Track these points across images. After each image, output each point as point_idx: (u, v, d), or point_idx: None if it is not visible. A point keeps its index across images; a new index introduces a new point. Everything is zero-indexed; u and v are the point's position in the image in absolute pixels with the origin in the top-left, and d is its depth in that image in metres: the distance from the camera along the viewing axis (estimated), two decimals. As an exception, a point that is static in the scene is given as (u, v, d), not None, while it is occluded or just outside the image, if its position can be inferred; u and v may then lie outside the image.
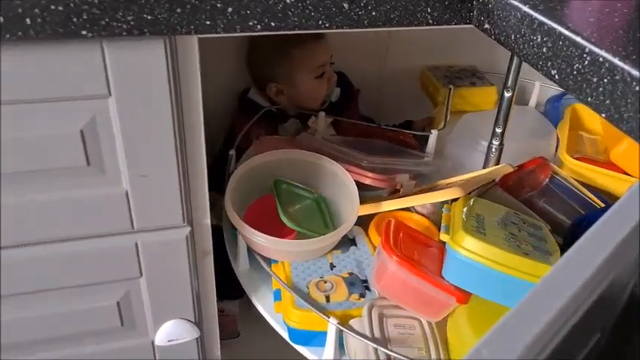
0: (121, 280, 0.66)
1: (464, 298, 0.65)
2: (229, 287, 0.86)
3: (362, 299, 0.71)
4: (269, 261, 0.78)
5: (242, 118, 1.02)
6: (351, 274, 0.75)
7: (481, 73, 1.26)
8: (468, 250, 0.63)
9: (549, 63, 0.47)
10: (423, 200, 0.76)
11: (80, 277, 0.64)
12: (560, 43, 0.44)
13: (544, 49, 0.48)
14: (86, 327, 0.68)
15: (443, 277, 0.67)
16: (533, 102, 1.19)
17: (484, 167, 0.93)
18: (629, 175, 0.93)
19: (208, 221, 0.67)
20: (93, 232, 0.61)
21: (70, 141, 0.54)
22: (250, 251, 0.79)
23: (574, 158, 0.96)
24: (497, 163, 0.92)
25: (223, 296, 1.19)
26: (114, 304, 0.67)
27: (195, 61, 0.55)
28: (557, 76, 0.47)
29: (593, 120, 1.08)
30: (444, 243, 0.69)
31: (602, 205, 0.88)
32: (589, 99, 0.40)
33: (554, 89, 1.25)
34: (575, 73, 0.43)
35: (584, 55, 0.41)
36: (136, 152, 0.57)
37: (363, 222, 0.82)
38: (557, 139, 1.04)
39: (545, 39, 0.47)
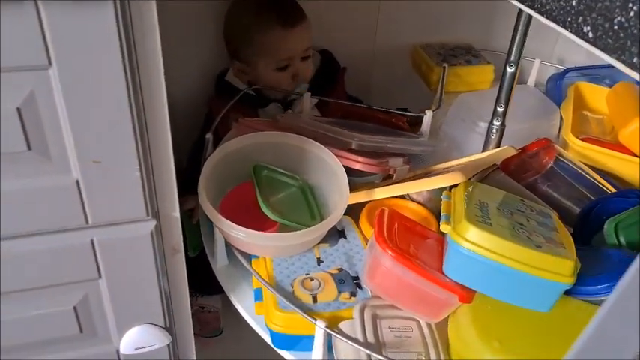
0: (76, 282, 0.57)
1: (467, 297, 0.58)
2: (210, 281, 0.79)
3: (353, 298, 0.64)
4: (249, 256, 0.70)
5: (219, 102, 0.94)
6: (340, 270, 0.67)
7: (477, 50, 1.19)
8: (473, 242, 0.56)
9: (580, 18, 0.40)
10: (420, 187, 0.69)
11: (29, 280, 0.55)
12: (595, -8, 0.37)
13: (573, 2, 0.40)
14: (40, 335, 0.60)
15: (444, 273, 0.59)
16: (532, 81, 1.12)
17: (484, 150, 0.86)
18: (638, 157, 0.86)
19: (177, 214, 0.59)
20: (40, 229, 0.53)
21: (5, 122, 0.46)
22: (229, 246, 0.71)
23: (579, 139, 0.89)
24: (499, 145, 0.84)
25: (204, 291, 1.12)
26: (70, 310, 0.59)
27: (154, 26, 0.47)
28: (591, 35, 0.39)
29: (597, 98, 1.01)
30: (443, 234, 0.61)
31: (613, 189, 0.82)
32: (635, 59, 0.33)
33: (554, 67, 1.18)
34: (616, 28, 0.35)
35: (629, 5, 0.33)
36: (86, 134, 0.48)
37: (354, 211, 0.75)
38: (561, 119, 0.97)
39: (574, -11, 0.39)
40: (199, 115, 1.02)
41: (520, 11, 0.73)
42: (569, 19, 0.42)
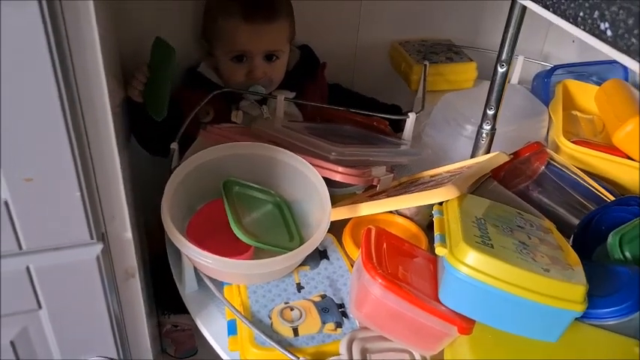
0: (13, 315, 0.50)
1: (467, 328, 0.52)
2: (182, 298, 0.71)
3: (339, 330, 0.57)
4: (220, 283, 0.62)
5: (189, 93, 0.86)
6: (323, 296, 0.60)
7: (457, 47, 1.13)
8: (473, 267, 0.50)
9: (597, 13, 0.34)
10: (411, 202, 0.62)
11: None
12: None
13: (589, -7, 0.34)
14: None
15: (439, 301, 0.53)
16: (515, 79, 1.06)
17: (472, 155, 0.80)
18: (633, 159, 0.82)
19: (129, 234, 0.52)
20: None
21: None
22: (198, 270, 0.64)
23: (571, 141, 0.84)
24: (489, 150, 0.78)
25: (177, 309, 1.04)
26: (7, 344, 0.52)
27: (91, 23, 0.39)
28: (609, 33, 0.33)
29: (586, 97, 0.97)
30: (434, 253, 0.55)
31: (608, 194, 0.77)
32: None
33: (537, 65, 1.13)
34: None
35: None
36: (14, 148, 0.41)
37: (336, 227, 0.68)
38: (550, 119, 0.92)
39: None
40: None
41: (512, 6, 0.67)
42: (581, 13, 0.36)
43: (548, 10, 0.40)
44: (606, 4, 0.33)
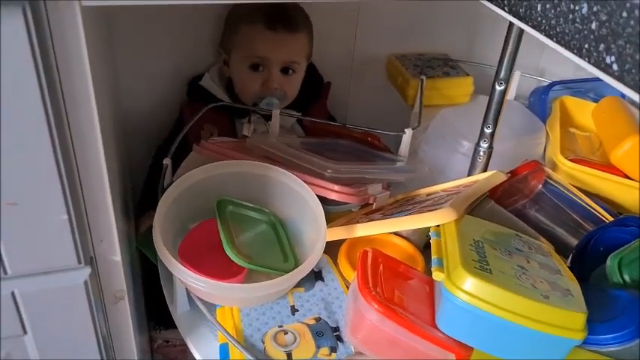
0: None
1: (465, 355, 0.51)
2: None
3: (333, 355, 0.56)
4: (213, 305, 0.61)
5: (193, 109, 0.85)
6: (318, 319, 0.59)
7: (454, 61, 1.12)
8: (471, 294, 0.49)
9: (602, 46, 0.33)
10: (407, 225, 0.61)
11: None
12: (624, 14, 0.29)
13: (593, 25, 0.33)
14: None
15: (436, 327, 0.52)
16: (511, 95, 1.06)
17: (469, 174, 0.79)
18: (631, 178, 0.81)
19: (118, 257, 0.51)
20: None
21: None
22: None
23: (568, 160, 0.83)
24: (486, 169, 0.78)
25: (169, 324, 1.03)
26: None
27: (79, 36, 0.38)
28: (616, 67, 0.32)
29: (583, 114, 0.96)
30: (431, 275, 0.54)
31: (605, 214, 0.76)
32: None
33: (534, 80, 1.13)
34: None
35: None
36: None
37: (331, 246, 0.66)
38: (547, 137, 0.91)
39: (596, 9, 0.32)
40: (161, 130, 0.93)
41: (510, 25, 0.66)
42: (586, 45, 0.35)
43: (552, 40, 0.39)
44: (612, 38, 0.32)
